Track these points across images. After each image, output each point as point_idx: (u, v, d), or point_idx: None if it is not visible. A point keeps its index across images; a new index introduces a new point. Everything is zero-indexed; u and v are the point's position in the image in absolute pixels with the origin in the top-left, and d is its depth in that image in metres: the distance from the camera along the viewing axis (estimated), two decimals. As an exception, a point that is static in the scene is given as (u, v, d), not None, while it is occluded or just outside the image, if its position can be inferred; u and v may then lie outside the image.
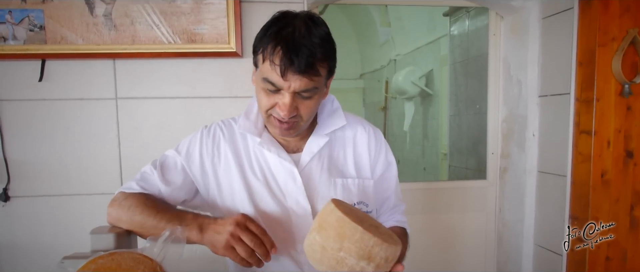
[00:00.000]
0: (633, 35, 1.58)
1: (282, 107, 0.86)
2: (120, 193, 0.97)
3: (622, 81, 1.61)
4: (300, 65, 0.81)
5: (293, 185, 0.95)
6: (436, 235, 2.07)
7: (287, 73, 0.82)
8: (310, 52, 0.82)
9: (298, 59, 0.81)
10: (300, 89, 0.84)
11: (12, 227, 1.59)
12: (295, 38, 0.82)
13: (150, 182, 0.97)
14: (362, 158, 1.02)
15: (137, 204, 0.91)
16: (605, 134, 1.63)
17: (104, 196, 1.62)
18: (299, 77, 0.83)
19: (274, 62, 0.82)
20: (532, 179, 1.95)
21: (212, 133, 1.01)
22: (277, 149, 0.97)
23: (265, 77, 0.85)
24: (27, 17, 1.50)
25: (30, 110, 1.57)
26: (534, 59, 1.90)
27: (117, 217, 0.93)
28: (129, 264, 0.73)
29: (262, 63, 0.85)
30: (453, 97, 2.73)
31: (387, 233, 0.78)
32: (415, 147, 3.64)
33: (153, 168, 0.98)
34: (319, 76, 0.85)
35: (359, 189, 0.99)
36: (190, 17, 1.57)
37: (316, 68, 0.84)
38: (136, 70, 1.60)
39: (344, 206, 0.78)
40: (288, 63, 0.81)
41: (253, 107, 1.02)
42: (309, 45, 0.82)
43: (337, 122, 1.01)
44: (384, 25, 4.00)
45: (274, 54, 0.82)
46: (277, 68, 0.82)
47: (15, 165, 1.57)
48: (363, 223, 0.74)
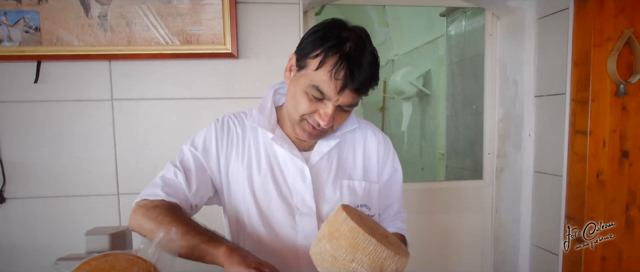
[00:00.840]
0: (628, 36, 1.58)
1: (323, 117, 0.88)
2: (144, 200, 0.90)
3: (617, 81, 1.61)
4: (359, 83, 0.84)
5: (301, 183, 0.95)
6: (433, 235, 2.07)
7: (345, 89, 0.84)
8: (370, 74, 0.86)
9: (360, 78, 0.84)
10: (345, 103, 0.87)
11: (8, 228, 1.59)
12: (358, 57, 0.84)
13: (175, 187, 0.92)
14: (370, 161, 1.03)
15: (165, 216, 0.85)
16: (600, 134, 1.63)
17: (100, 197, 1.62)
18: (352, 95, 0.86)
19: (336, 77, 0.83)
20: (528, 179, 1.96)
21: (226, 126, 1.00)
22: (290, 146, 0.97)
23: (317, 85, 0.85)
24: (22, 18, 1.50)
25: (25, 111, 1.56)
26: (530, 59, 1.91)
27: (140, 226, 0.88)
28: (123, 266, 0.73)
29: (315, 70, 0.85)
30: (450, 97, 2.73)
31: (397, 243, 0.79)
32: (413, 147, 3.64)
33: (177, 170, 0.93)
34: (366, 93, 0.89)
35: (365, 191, 1.00)
36: (186, 18, 1.57)
37: (367, 90, 0.88)
38: (132, 71, 1.60)
39: (353, 213, 0.78)
40: (349, 81, 0.83)
41: (267, 103, 1.01)
42: (368, 66, 0.85)
43: (349, 125, 1.02)
44: (382, 25, 4.01)
45: (337, 69, 0.83)
46: (337, 82, 0.83)
47: (11, 166, 1.57)
48: (375, 233, 0.74)
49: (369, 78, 0.86)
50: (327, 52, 0.83)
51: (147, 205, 0.88)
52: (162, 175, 0.94)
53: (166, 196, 0.90)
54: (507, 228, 2.06)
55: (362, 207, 0.98)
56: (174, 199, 0.90)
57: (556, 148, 1.76)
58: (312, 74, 0.85)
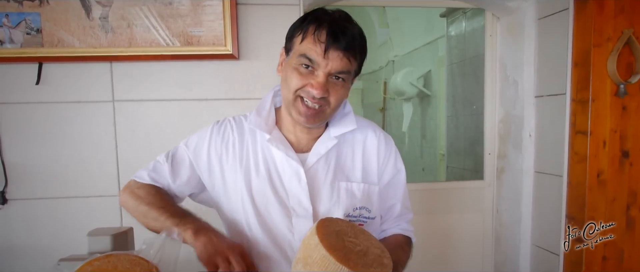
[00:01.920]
0: (628, 36, 1.58)
1: (316, 86, 0.87)
2: (133, 181, 1.01)
3: (617, 81, 1.61)
4: (344, 44, 0.85)
5: (297, 185, 0.94)
6: (434, 235, 2.07)
7: (330, 50, 0.86)
8: (353, 35, 0.88)
9: (343, 37, 0.86)
10: (336, 70, 0.88)
11: (10, 229, 1.60)
12: (339, 21, 0.88)
13: (161, 174, 1.00)
14: (370, 163, 1.02)
15: (146, 196, 0.95)
16: (601, 134, 1.64)
17: (101, 199, 1.63)
18: (339, 56, 0.86)
19: (319, 39, 0.86)
20: (529, 180, 1.96)
21: (223, 129, 1.01)
22: (286, 147, 0.97)
23: (304, 54, 0.88)
24: (24, 20, 1.50)
25: (27, 113, 1.57)
26: (530, 60, 1.91)
27: (125, 203, 0.98)
28: (125, 266, 0.74)
29: (300, 43, 0.89)
30: (450, 98, 2.73)
31: (377, 259, 0.75)
32: (414, 148, 3.64)
33: (165, 159, 1.01)
34: (355, 60, 0.89)
35: (364, 193, 0.98)
36: (187, 19, 1.57)
37: (356, 51, 0.89)
38: (133, 72, 1.60)
39: (330, 230, 0.75)
40: (332, 40, 0.85)
41: (265, 104, 1.02)
42: (352, 29, 0.88)
43: (347, 126, 1.01)
44: (382, 26, 4.02)
45: (319, 32, 0.86)
46: (320, 45, 0.86)
47: (12, 168, 1.57)
48: (350, 255, 0.71)
49: (354, 41, 0.88)
50: (309, 23, 0.88)
51: (133, 185, 1.00)
52: (155, 161, 1.02)
53: (151, 181, 0.99)
54: (507, 228, 2.06)
55: (361, 210, 0.97)
56: (158, 184, 1.00)
57: (557, 148, 1.77)
58: (298, 48, 0.89)
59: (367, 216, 0.98)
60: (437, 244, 2.08)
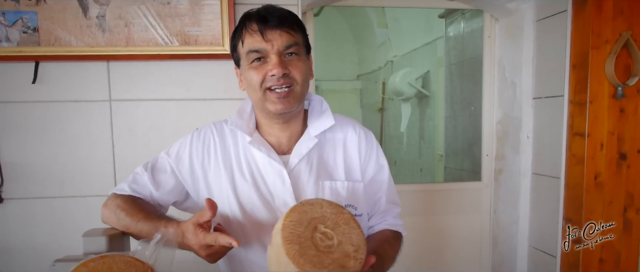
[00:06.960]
0: (626, 38, 1.58)
1: (273, 67, 0.89)
2: (112, 194, 1.00)
3: (615, 84, 1.61)
4: (275, 21, 0.88)
5: (281, 186, 0.95)
6: (431, 236, 2.07)
7: (266, 31, 0.88)
8: (281, 11, 0.91)
9: (271, 17, 0.89)
10: (283, 45, 0.89)
11: (6, 229, 1.59)
12: (263, 8, 0.92)
13: (141, 184, 1.00)
14: (352, 160, 1.02)
15: (124, 207, 0.94)
16: (598, 136, 1.64)
17: (98, 198, 1.61)
18: (278, 33, 0.89)
19: (252, 29, 0.89)
20: (527, 181, 1.96)
21: (203, 136, 1.02)
22: (268, 149, 0.97)
23: (249, 49, 0.90)
24: (20, 18, 1.49)
25: (23, 112, 1.56)
26: (528, 61, 1.91)
27: (107, 219, 0.97)
28: (120, 267, 0.73)
29: (242, 46, 0.92)
30: (449, 98, 2.73)
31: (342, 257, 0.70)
32: (412, 148, 3.64)
33: (144, 170, 1.00)
34: (295, 32, 0.91)
35: (348, 192, 0.99)
36: (185, 18, 1.57)
37: (291, 23, 0.91)
38: (130, 72, 1.60)
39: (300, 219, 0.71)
40: (263, 22, 0.88)
41: (246, 107, 1.03)
42: (277, 8, 0.92)
43: (325, 122, 1.00)
44: (381, 26, 4.01)
45: (249, 24, 0.90)
46: (256, 33, 0.89)
47: (8, 167, 1.57)
48: (308, 250, 0.67)
49: (284, 16, 0.90)
50: (240, 28, 0.92)
51: (110, 199, 0.98)
52: (134, 173, 1.02)
53: (132, 192, 0.99)
54: (505, 230, 2.06)
55: (347, 208, 0.96)
56: (139, 195, 0.99)
57: (554, 150, 1.77)
58: (242, 50, 0.92)
59: (353, 213, 0.97)
60: (435, 245, 2.08)
